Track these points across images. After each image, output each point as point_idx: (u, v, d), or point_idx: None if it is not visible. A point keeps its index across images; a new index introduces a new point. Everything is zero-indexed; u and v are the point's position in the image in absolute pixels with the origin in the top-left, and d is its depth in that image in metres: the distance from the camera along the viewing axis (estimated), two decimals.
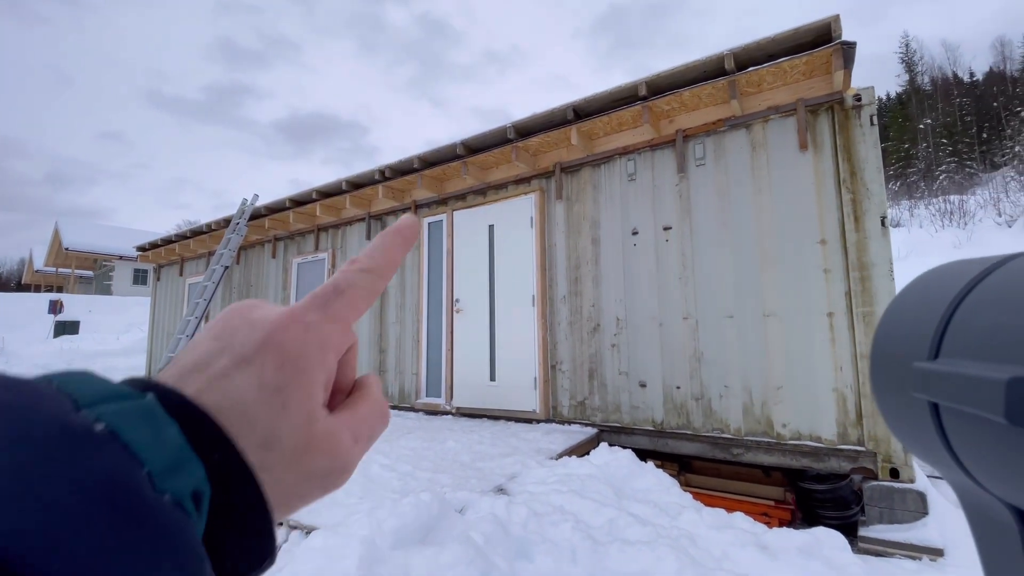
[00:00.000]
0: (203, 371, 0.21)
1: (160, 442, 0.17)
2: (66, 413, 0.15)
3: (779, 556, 2.27)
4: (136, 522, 0.15)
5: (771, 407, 3.61)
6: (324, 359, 0.24)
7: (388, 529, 2.18)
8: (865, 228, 3.40)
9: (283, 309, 0.24)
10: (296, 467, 0.22)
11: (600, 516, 2.49)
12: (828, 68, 3.53)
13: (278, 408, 0.21)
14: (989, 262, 0.21)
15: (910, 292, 0.25)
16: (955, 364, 0.19)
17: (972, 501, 0.21)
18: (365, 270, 0.27)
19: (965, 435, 0.19)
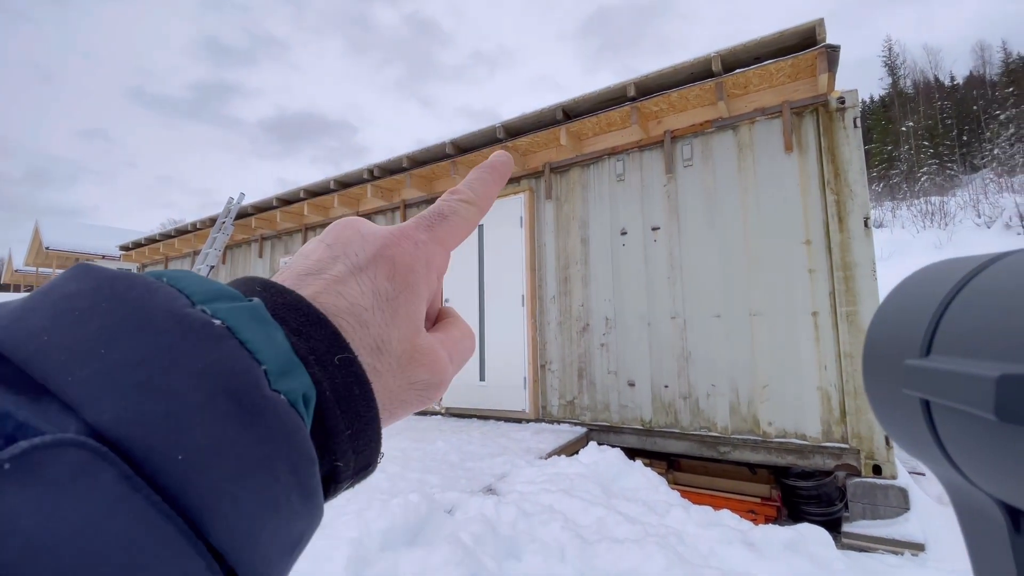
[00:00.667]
0: (319, 276, 0.22)
1: (273, 344, 0.17)
2: (183, 307, 0.15)
3: (765, 553, 2.29)
4: (258, 417, 0.15)
5: (757, 405, 3.66)
6: (429, 276, 0.25)
7: (376, 530, 2.17)
8: (849, 229, 3.46)
9: (393, 227, 0.25)
10: (401, 374, 0.22)
11: (589, 515, 2.50)
12: (813, 71, 3.58)
13: (390, 315, 0.22)
14: (980, 260, 0.21)
15: (902, 290, 0.25)
16: (946, 361, 0.19)
17: (961, 497, 0.21)
18: (466, 201, 0.28)
19: (955, 432, 0.19)
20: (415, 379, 0.23)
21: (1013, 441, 0.16)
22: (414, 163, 5.51)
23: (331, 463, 0.18)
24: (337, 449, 0.18)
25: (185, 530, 0.12)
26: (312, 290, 0.21)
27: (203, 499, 0.13)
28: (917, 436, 0.21)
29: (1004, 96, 40.07)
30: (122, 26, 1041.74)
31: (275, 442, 0.15)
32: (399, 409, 0.23)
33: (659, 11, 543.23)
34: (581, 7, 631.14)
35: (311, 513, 0.16)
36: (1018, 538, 0.19)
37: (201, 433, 0.13)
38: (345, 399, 0.19)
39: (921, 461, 0.23)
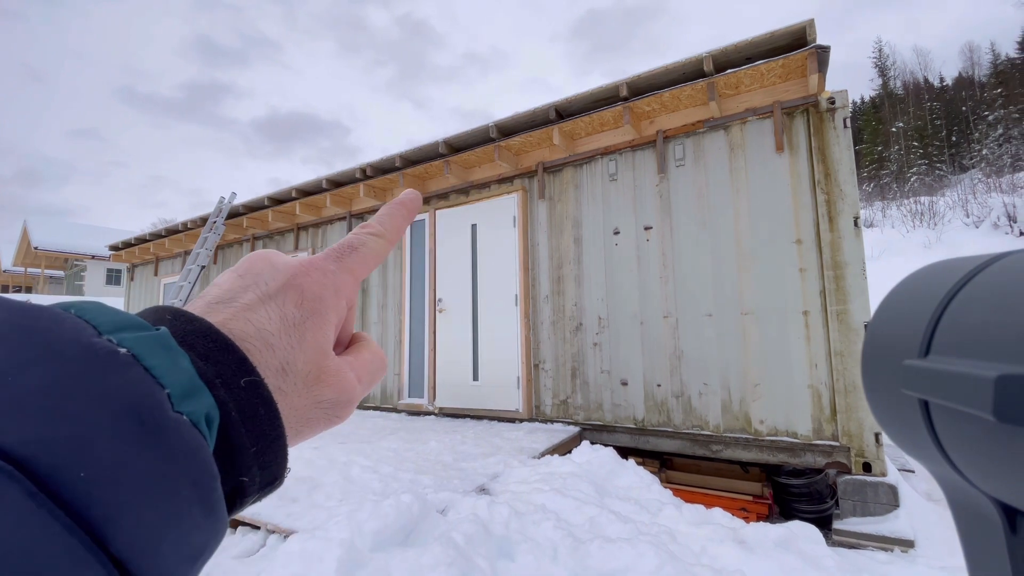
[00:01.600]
0: (230, 304, 0.23)
1: (177, 369, 0.18)
2: (89, 336, 0.16)
3: (756, 550, 2.31)
4: (161, 436, 0.16)
5: (749, 404, 3.68)
6: (338, 303, 0.26)
7: (368, 531, 2.16)
8: (839, 228, 3.48)
9: (304, 258, 0.26)
10: (307, 394, 0.24)
11: (581, 514, 2.50)
12: (803, 71, 3.61)
13: (296, 339, 0.24)
14: (978, 261, 0.21)
15: (901, 290, 0.25)
16: (945, 362, 0.19)
17: (958, 496, 0.22)
18: (375, 234, 0.30)
19: (954, 432, 0.19)
20: (321, 398, 0.24)
21: (1011, 441, 0.16)
22: (407, 162, 5.49)
23: (237, 479, 0.19)
24: (243, 465, 0.19)
25: (87, 542, 0.13)
26: (222, 317, 0.22)
27: (106, 512, 0.14)
28: (916, 436, 0.21)
29: (992, 97, 40.56)
30: (113, 26, 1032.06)
31: (177, 459, 0.16)
32: (306, 427, 0.24)
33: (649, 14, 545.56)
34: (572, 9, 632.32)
35: (214, 526, 0.17)
36: (1014, 537, 0.19)
37: (104, 452, 0.14)
38: (251, 419, 0.20)
39: (919, 460, 0.23)
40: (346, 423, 4.90)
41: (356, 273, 0.28)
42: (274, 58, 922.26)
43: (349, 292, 0.27)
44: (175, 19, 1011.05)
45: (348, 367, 0.26)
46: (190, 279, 7.25)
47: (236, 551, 2.62)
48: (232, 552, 2.64)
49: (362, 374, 0.27)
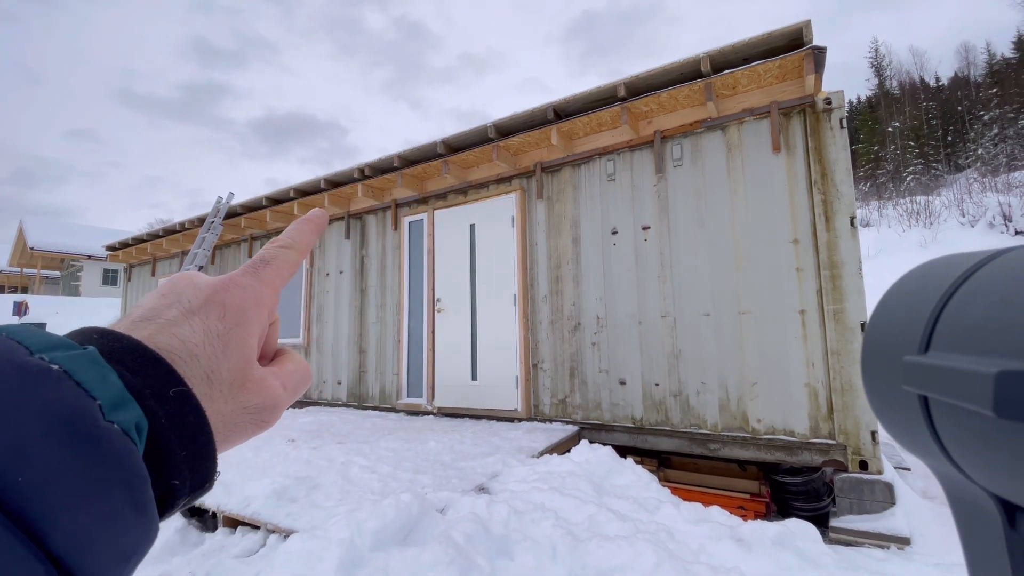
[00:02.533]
0: (154, 320, 0.25)
1: (106, 383, 0.19)
2: (22, 356, 0.18)
3: (754, 548, 2.32)
4: (93, 444, 0.17)
5: (746, 403, 3.70)
6: (259, 314, 0.28)
7: (368, 530, 2.17)
8: (835, 228, 3.50)
9: (222, 276, 0.28)
10: (233, 400, 0.25)
11: (580, 513, 2.52)
12: (800, 72, 3.63)
13: (220, 350, 0.25)
14: (979, 257, 0.21)
15: (901, 286, 0.25)
16: (945, 358, 0.19)
17: (957, 492, 0.22)
18: (284, 247, 0.31)
19: (954, 428, 0.19)
20: (247, 404, 0.26)
21: (1011, 437, 0.16)
22: (405, 162, 5.49)
23: (168, 482, 0.21)
24: (173, 469, 0.21)
25: (25, 540, 0.14)
26: (146, 332, 0.24)
27: (42, 513, 0.15)
28: (915, 432, 0.22)
29: (988, 97, 40.73)
30: (111, 28, 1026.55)
31: (108, 464, 0.17)
32: (234, 432, 0.25)
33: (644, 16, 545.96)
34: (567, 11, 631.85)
35: (145, 525, 0.18)
36: (1012, 533, 0.19)
37: (40, 459, 0.15)
38: (180, 425, 0.21)
39: (918, 456, 0.23)
40: (345, 423, 4.91)
41: (274, 285, 0.29)
42: (271, 60, 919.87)
43: (270, 303, 0.29)
44: (172, 21, 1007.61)
45: (273, 376, 0.28)
46: None
47: (236, 551, 2.63)
48: (232, 552, 2.64)
49: (287, 382, 0.29)
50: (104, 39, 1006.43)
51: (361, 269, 6.21)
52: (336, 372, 6.26)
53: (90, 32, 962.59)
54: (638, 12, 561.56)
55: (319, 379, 6.44)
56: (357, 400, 5.99)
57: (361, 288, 6.17)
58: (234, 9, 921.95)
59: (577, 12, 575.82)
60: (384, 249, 6.02)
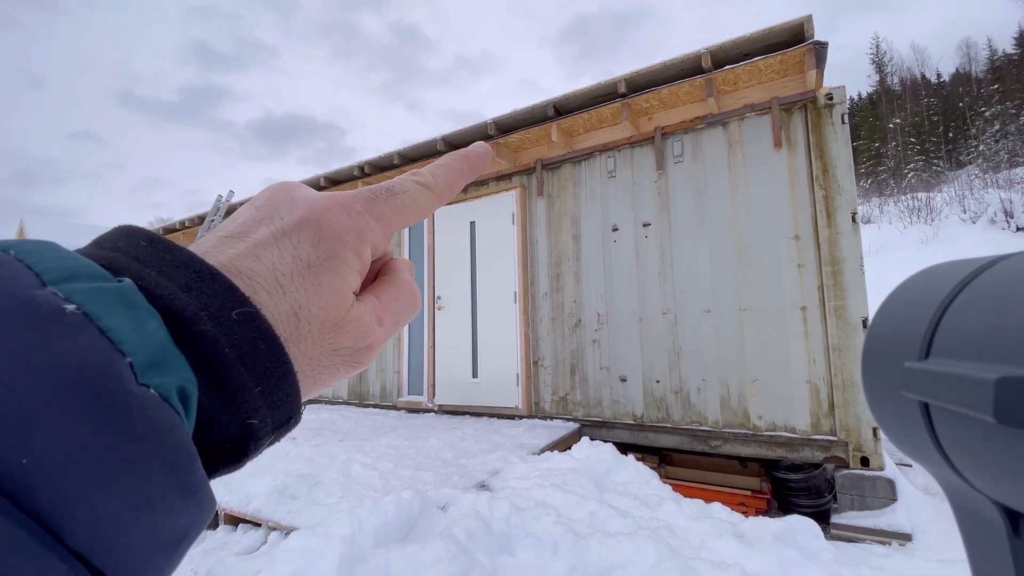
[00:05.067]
0: (241, 240, 0.21)
1: (143, 331, 0.15)
2: (29, 287, 0.13)
3: (755, 544, 2.32)
4: (121, 415, 0.13)
5: (747, 399, 3.69)
6: (360, 248, 0.23)
7: (369, 527, 2.17)
8: (837, 224, 3.49)
9: (330, 194, 0.24)
10: (322, 342, 0.22)
11: (581, 509, 2.52)
12: (801, 67, 3.61)
13: (311, 283, 0.21)
14: (979, 263, 0.21)
15: (901, 292, 0.25)
16: (945, 364, 0.19)
17: (961, 499, 0.22)
18: (423, 184, 0.26)
19: (955, 434, 0.19)
20: (338, 346, 0.22)
21: (1012, 444, 0.16)
22: (405, 160, 5.49)
23: (243, 421, 0.18)
24: (248, 407, 0.18)
25: (40, 534, 0.11)
26: (232, 253, 0.20)
27: (55, 504, 0.12)
28: (916, 439, 0.21)
29: (989, 93, 40.62)
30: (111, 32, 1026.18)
31: (143, 441, 0.14)
32: (324, 375, 0.22)
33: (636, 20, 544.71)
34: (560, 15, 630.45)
35: (197, 508, 0.15)
36: (1017, 541, 0.19)
37: (49, 435, 0.12)
38: (249, 355, 0.18)
39: (920, 463, 0.23)
40: (346, 420, 4.91)
41: (388, 222, 0.24)
42: (269, 63, 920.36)
43: (377, 240, 0.24)
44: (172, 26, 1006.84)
45: (371, 312, 0.24)
46: None
47: (237, 548, 2.63)
48: (233, 549, 2.64)
49: (385, 314, 0.24)
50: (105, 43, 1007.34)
51: None
52: None
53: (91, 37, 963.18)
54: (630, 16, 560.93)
55: None
56: (358, 398, 5.99)
57: None
58: (233, 14, 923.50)
59: (570, 15, 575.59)
60: None
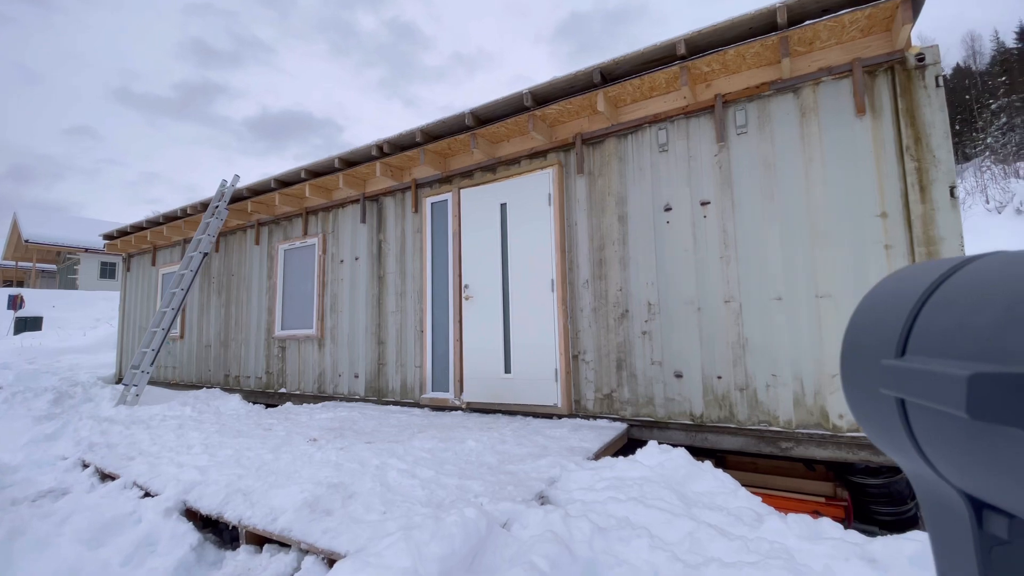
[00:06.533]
0: None
1: None
2: None
3: (891, 570, 1.93)
4: None
5: (825, 396, 3.30)
6: None
7: (432, 556, 1.77)
8: (932, 199, 3.09)
9: None
10: None
11: (675, 529, 2.12)
12: (890, 23, 3.20)
13: None
14: (950, 264, 0.23)
15: (877, 293, 0.28)
16: (920, 361, 0.20)
17: (930, 491, 0.23)
18: None
19: (929, 429, 0.20)
20: None
21: (983, 437, 0.17)
22: (428, 137, 5.05)
23: None
24: None
25: None
26: None
27: None
28: (892, 433, 0.23)
29: (996, 85, 40.17)
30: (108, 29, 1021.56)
31: None
32: None
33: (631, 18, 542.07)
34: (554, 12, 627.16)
35: None
36: (980, 530, 0.20)
37: None
38: None
39: (893, 457, 0.25)
40: (367, 419, 4.50)
41: None
42: (266, 60, 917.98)
43: None
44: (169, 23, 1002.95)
45: None
46: (192, 267, 6.81)
47: (265, 575, 2.24)
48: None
49: None
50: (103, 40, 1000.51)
51: (379, 255, 5.78)
52: (353, 365, 5.85)
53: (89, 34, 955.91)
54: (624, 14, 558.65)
55: (334, 372, 6.03)
56: (376, 395, 5.59)
57: (379, 275, 5.74)
58: (229, 11, 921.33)
59: (564, 13, 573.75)
60: (403, 233, 5.59)
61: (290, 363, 6.54)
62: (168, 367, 8.62)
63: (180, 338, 8.44)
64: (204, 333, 8.01)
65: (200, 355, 8.04)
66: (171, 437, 4.18)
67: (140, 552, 2.54)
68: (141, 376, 6.22)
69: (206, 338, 7.96)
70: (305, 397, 6.24)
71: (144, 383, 6.21)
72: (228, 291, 7.67)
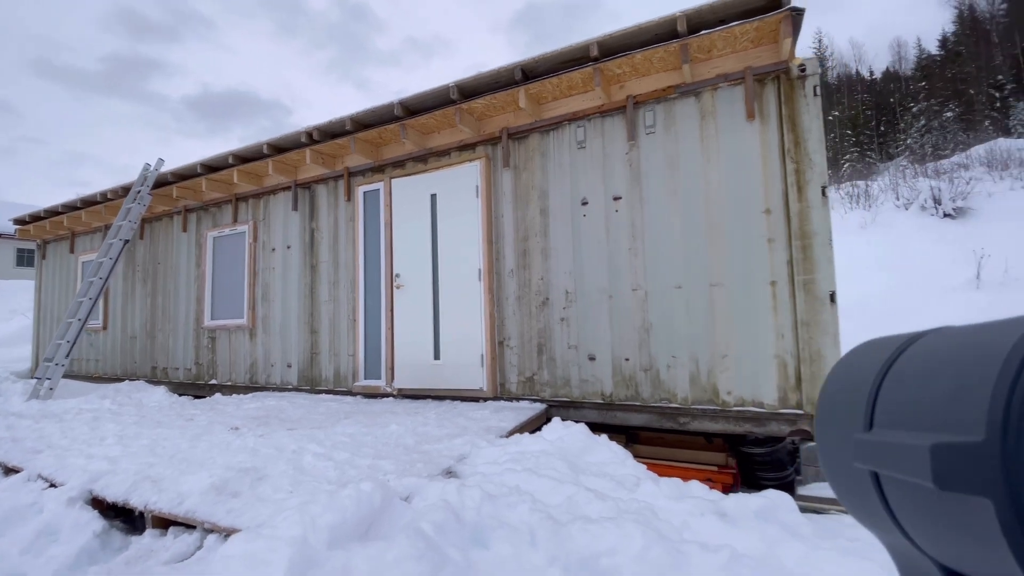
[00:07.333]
0: None
1: None
2: None
3: (739, 522, 2.24)
4: None
5: (717, 375, 3.65)
6: None
7: (324, 525, 1.90)
8: (807, 198, 3.46)
9: None
10: None
11: (558, 494, 2.35)
12: (776, 36, 3.52)
13: None
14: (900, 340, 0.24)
15: (843, 366, 0.28)
16: (886, 434, 0.21)
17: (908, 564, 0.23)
18: None
19: (903, 500, 0.20)
20: None
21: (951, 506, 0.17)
22: (358, 126, 5.06)
23: None
24: None
25: None
26: None
27: None
28: (869, 506, 0.23)
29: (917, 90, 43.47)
30: None
31: None
32: None
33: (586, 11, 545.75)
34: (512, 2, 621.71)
35: None
36: None
37: None
38: None
39: (873, 532, 0.25)
40: (296, 408, 4.54)
41: None
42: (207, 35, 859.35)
43: None
44: None
45: None
46: (111, 254, 6.50)
47: (166, 555, 2.29)
48: (162, 557, 2.31)
49: None
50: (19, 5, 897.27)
51: (311, 243, 5.74)
52: (285, 354, 5.82)
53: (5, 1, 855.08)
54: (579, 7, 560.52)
55: (266, 362, 5.97)
56: (310, 384, 5.59)
57: (311, 264, 5.71)
58: None
59: (521, 4, 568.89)
60: (336, 221, 5.58)
61: (221, 354, 6.40)
62: (90, 360, 8.20)
63: (103, 329, 8.04)
64: (129, 324, 7.67)
65: (125, 347, 7.69)
66: (84, 430, 4.07)
67: (40, 541, 2.53)
68: (55, 369, 5.92)
69: (131, 329, 7.63)
70: (237, 388, 6.14)
71: (59, 376, 5.92)
72: (154, 280, 7.36)
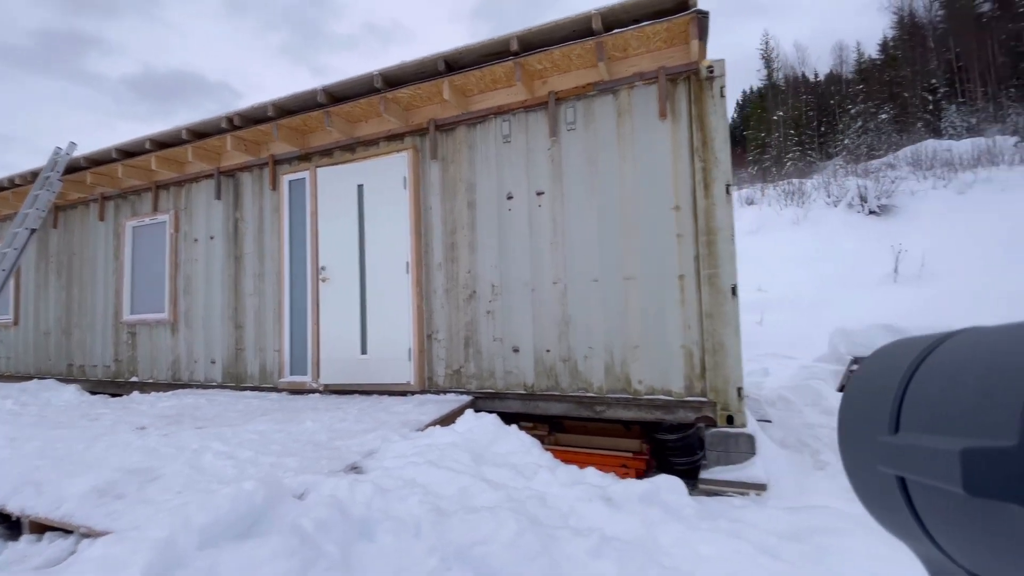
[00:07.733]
0: None
1: None
2: None
3: (623, 507, 2.35)
4: None
5: (629, 365, 3.79)
6: None
7: (196, 526, 1.86)
8: (713, 195, 3.62)
9: None
10: None
11: (453, 485, 2.39)
12: (686, 37, 3.64)
13: None
14: (930, 340, 0.23)
15: (866, 369, 0.27)
16: (914, 438, 0.20)
17: (940, 573, 0.22)
18: None
19: (931, 507, 0.20)
20: None
21: (984, 513, 0.17)
22: (281, 112, 4.89)
23: None
24: None
25: None
26: None
27: None
28: (896, 512, 0.22)
29: (855, 92, 46.05)
30: None
31: None
32: None
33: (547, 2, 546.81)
34: None
35: None
36: None
37: None
38: None
39: (900, 538, 0.24)
40: (213, 405, 4.39)
41: None
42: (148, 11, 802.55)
43: None
44: None
45: None
46: (16, 244, 6.03)
47: (38, 560, 2.19)
48: (33, 562, 2.20)
49: None
50: None
51: (235, 234, 5.53)
52: (209, 350, 5.59)
53: None
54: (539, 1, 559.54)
55: (190, 358, 5.72)
56: (235, 381, 5.41)
57: (236, 256, 5.50)
58: None
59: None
60: (261, 211, 5.39)
61: (141, 350, 6.08)
62: (0, 358, 7.61)
63: (14, 325, 7.47)
64: (42, 319, 7.16)
65: (38, 343, 7.18)
66: None
67: None
68: None
69: (44, 324, 7.12)
70: (159, 385, 5.86)
71: None
72: (69, 272, 6.89)
